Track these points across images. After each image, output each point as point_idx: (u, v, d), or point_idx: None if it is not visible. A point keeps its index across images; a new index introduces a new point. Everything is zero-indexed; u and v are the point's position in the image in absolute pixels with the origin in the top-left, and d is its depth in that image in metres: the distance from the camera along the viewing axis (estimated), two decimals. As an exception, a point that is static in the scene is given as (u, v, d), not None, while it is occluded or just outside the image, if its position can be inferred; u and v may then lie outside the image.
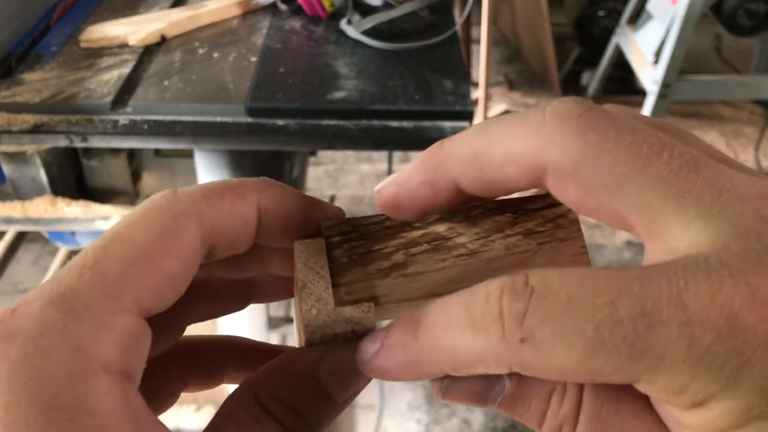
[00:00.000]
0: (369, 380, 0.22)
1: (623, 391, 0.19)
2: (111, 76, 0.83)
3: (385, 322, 0.22)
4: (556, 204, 0.23)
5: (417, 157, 0.22)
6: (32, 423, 0.16)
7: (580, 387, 0.19)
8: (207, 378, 0.26)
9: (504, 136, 0.20)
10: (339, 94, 0.81)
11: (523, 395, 0.20)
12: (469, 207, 0.24)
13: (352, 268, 0.23)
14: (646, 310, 0.16)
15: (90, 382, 0.17)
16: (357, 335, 0.22)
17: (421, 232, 0.23)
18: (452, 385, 0.20)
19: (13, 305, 0.18)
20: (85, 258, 0.19)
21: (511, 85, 2.61)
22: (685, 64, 1.88)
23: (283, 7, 1.01)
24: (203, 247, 0.21)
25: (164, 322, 0.23)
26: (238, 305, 0.27)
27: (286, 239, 0.23)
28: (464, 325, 0.18)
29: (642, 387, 0.17)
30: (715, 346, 0.16)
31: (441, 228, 0.23)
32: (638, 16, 2.11)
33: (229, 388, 0.24)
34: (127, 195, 0.95)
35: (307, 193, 0.24)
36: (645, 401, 0.19)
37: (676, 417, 0.18)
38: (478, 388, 0.20)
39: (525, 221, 0.23)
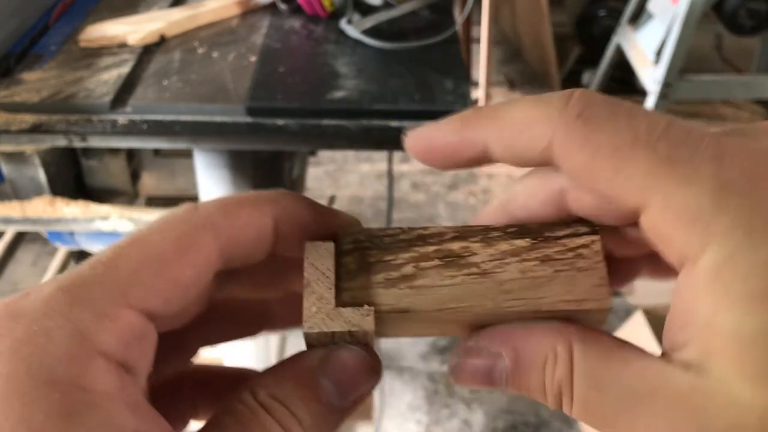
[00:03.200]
0: (371, 388, 0.22)
1: (611, 347, 0.20)
2: (110, 75, 0.83)
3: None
4: (581, 234, 0.23)
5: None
6: (27, 393, 0.17)
7: (570, 350, 0.21)
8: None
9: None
10: (339, 94, 0.81)
11: (521, 367, 0.21)
12: (488, 229, 0.23)
13: (359, 275, 0.23)
14: (689, 130, 0.19)
15: (85, 364, 0.18)
16: (354, 339, 0.22)
17: (434, 247, 0.23)
18: (460, 366, 0.22)
19: (28, 290, 0.19)
20: (102, 254, 0.20)
21: (512, 85, 2.60)
22: (686, 63, 1.87)
23: (282, 6, 1.00)
24: (219, 259, 0.22)
25: (177, 342, 0.24)
26: (252, 330, 0.27)
27: (302, 250, 0.24)
28: (529, 102, 0.22)
29: (651, 212, 0.19)
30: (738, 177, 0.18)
31: (456, 246, 0.23)
32: (639, 15, 2.10)
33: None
34: (127, 195, 0.94)
35: (307, 194, 0.24)
36: (635, 353, 0.20)
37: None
38: (482, 365, 0.22)
39: (544, 247, 0.23)
